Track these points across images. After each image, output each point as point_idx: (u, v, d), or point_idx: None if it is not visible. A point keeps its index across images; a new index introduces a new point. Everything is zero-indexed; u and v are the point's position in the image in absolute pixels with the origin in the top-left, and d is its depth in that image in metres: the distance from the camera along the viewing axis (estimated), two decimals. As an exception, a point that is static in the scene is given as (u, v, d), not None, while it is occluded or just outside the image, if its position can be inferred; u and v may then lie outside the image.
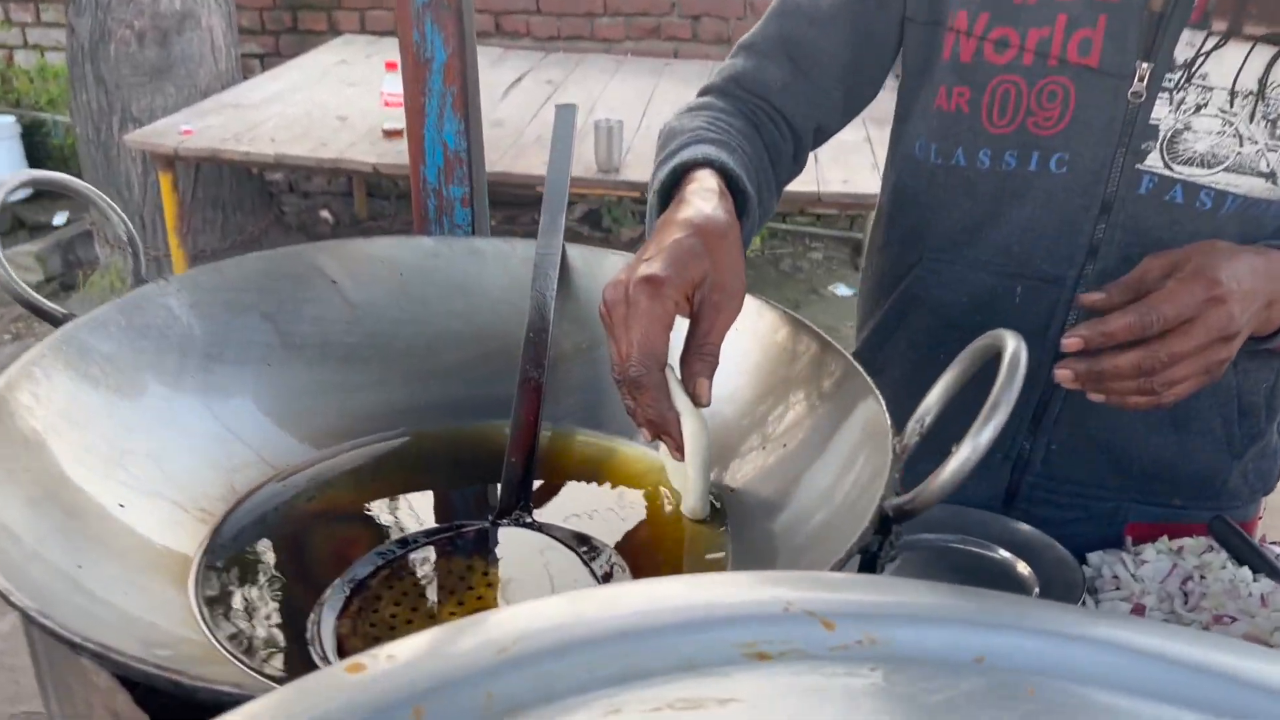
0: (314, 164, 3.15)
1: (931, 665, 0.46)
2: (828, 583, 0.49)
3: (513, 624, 0.42)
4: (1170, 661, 0.47)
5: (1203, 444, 0.95)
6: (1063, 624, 0.48)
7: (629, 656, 0.43)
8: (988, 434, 0.53)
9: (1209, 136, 0.83)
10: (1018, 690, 0.45)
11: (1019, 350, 0.55)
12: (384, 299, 0.88)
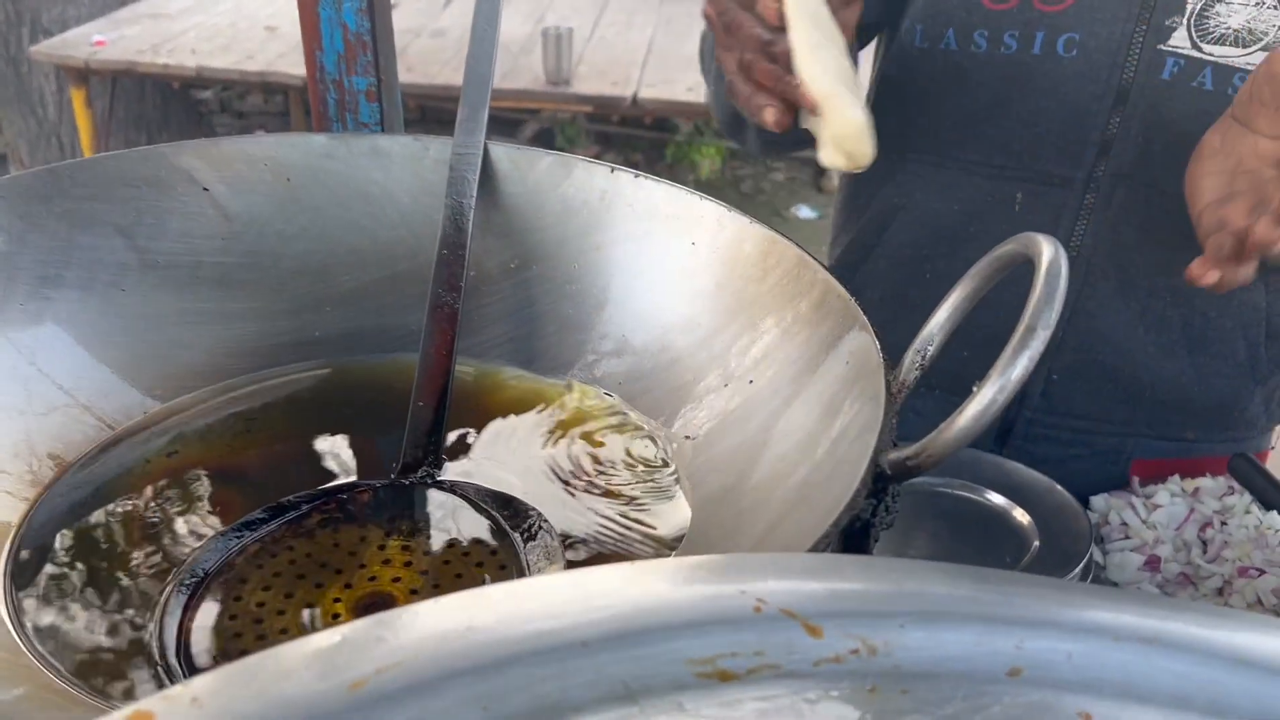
0: (238, 77, 2.94)
1: (952, 681, 0.33)
2: (811, 569, 0.36)
3: (377, 644, 0.28)
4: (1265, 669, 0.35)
5: (1223, 368, 0.83)
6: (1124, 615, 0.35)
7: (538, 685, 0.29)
8: (1021, 366, 0.40)
9: (1245, 9, 0.70)
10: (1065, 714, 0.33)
11: (1058, 258, 0.42)
12: (268, 209, 0.73)
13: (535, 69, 2.94)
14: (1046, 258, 0.42)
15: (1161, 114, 0.74)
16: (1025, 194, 0.79)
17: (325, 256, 0.73)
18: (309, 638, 0.25)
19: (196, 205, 0.71)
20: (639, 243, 0.69)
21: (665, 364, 0.64)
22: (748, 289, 0.62)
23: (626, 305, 0.67)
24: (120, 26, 3.21)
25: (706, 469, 0.57)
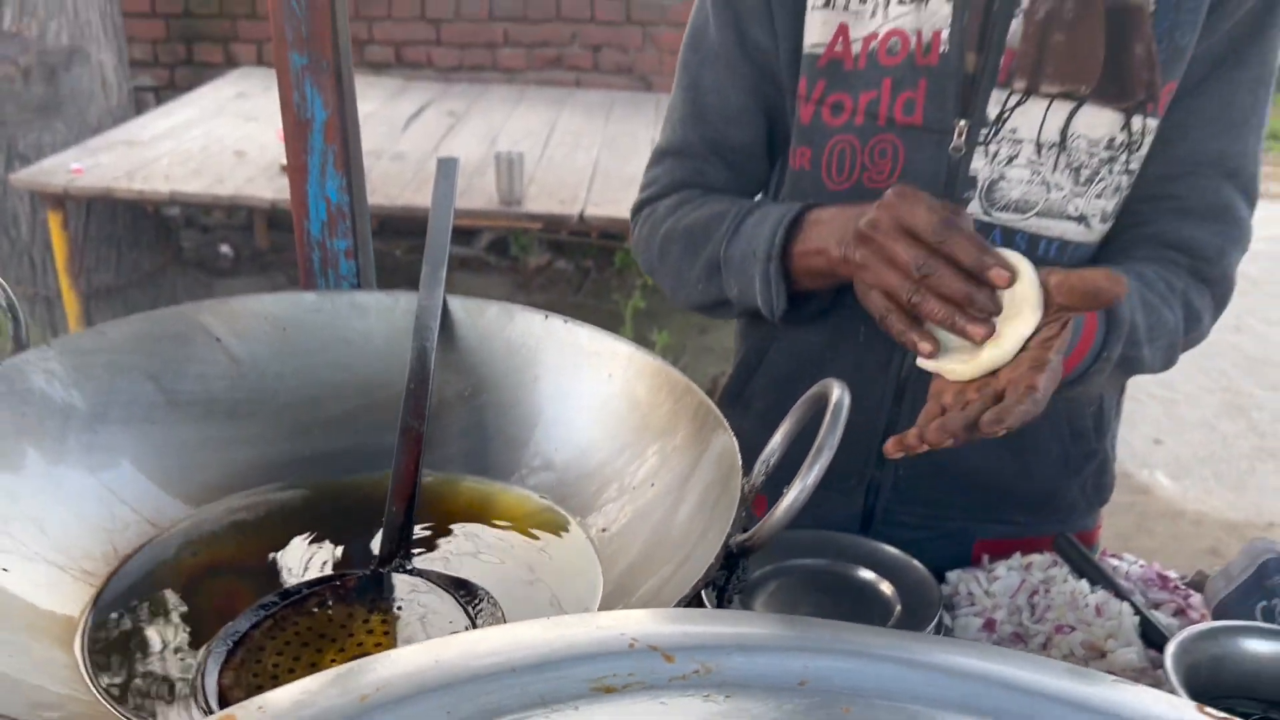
0: (210, 200, 3.14)
1: (760, 689, 0.52)
2: (668, 618, 0.55)
3: (375, 673, 0.47)
4: (968, 676, 0.53)
5: (1041, 465, 1.03)
6: (875, 646, 0.54)
7: (484, 696, 0.48)
8: (814, 474, 0.59)
9: (1021, 185, 0.91)
10: (835, 709, 0.52)
11: (842, 398, 0.61)
12: (267, 354, 0.91)
13: (489, 189, 3.17)
14: (834, 398, 0.61)
15: None
16: (866, 329, 0.98)
17: (314, 391, 0.91)
18: (329, 670, 0.43)
19: (210, 353, 0.89)
20: (567, 375, 0.88)
21: (586, 473, 0.82)
22: (648, 411, 0.80)
23: (556, 426, 0.85)
24: (96, 154, 3.40)
25: (616, 553, 0.74)
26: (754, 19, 0.97)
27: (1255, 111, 0.94)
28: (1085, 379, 0.88)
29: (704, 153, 1.02)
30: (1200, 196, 0.94)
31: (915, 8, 0.90)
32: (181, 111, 4.01)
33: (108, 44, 3.85)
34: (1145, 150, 0.92)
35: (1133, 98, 0.89)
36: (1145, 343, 0.90)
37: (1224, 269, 0.95)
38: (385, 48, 4.91)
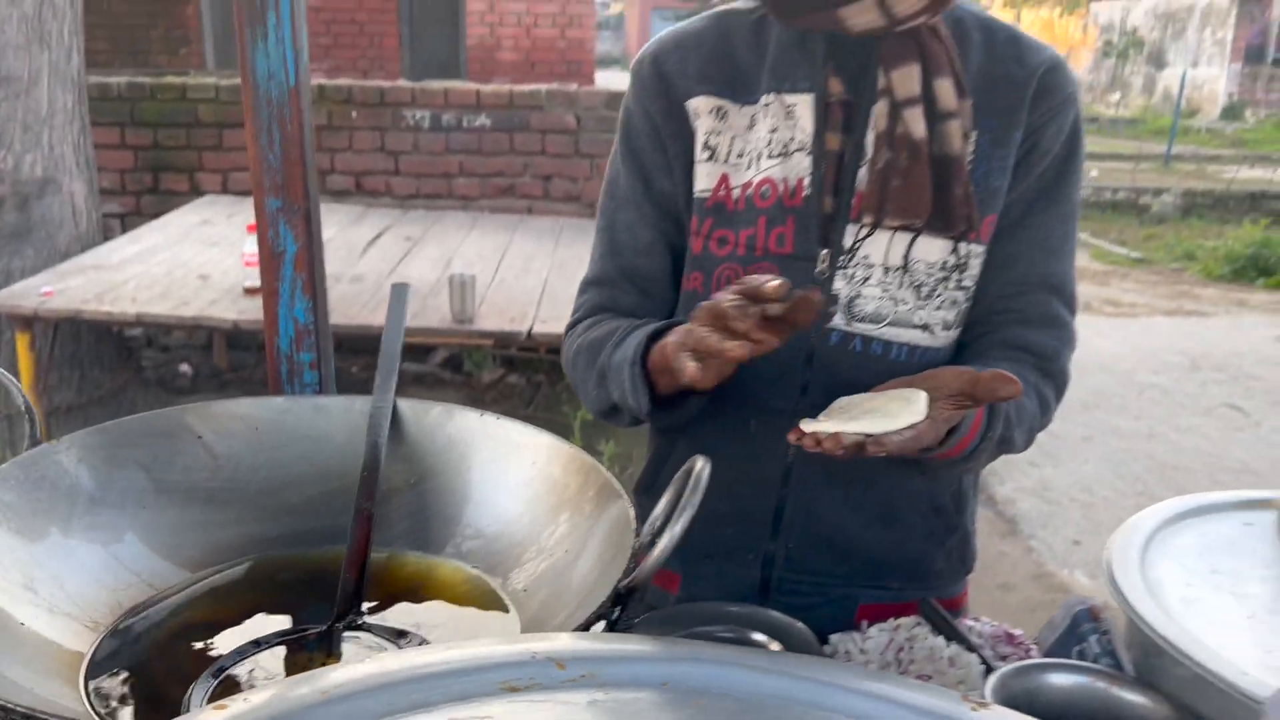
0: (175, 322, 3.30)
1: (631, 688, 0.70)
2: (564, 639, 0.72)
3: (335, 677, 0.64)
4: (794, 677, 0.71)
5: (908, 537, 1.20)
6: (719, 657, 0.72)
7: (416, 694, 0.66)
8: (679, 527, 0.76)
9: (874, 300, 1.11)
10: (689, 702, 0.69)
11: (702, 470, 0.79)
12: (242, 449, 1.07)
13: (443, 309, 3.37)
14: (695, 470, 0.79)
15: (835, 367, 1.13)
16: (757, 421, 1.17)
17: (282, 480, 1.06)
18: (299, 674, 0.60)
19: (193, 448, 1.05)
20: (497, 463, 1.05)
21: (510, 543, 0.98)
22: (561, 488, 0.97)
23: (486, 505, 1.02)
24: (66, 278, 3.56)
25: (530, 600, 0.90)
26: (657, 170, 1.18)
27: (1068, 239, 1.16)
28: (974, 455, 1.06)
29: (619, 281, 1.22)
30: (1035, 309, 1.14)
31: (782, 161, 1.11)
32: (149, 237, 4.20)
33: (79, 174, 4.06)
34: (974, 270, 1.12)
35: (956, 229, 1.09)
36: (1015, 426, 1.10)
37: (1061, 365, 1.15)
38: (346, 177, 5.17)
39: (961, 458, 1.06)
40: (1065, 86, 1.13)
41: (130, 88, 4.94)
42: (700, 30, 1.17)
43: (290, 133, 1.12)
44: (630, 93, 1.20)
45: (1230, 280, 7.93)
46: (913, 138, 1.05)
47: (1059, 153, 1.13)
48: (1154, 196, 11.45)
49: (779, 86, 1.11)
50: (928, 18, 1.05)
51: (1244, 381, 4.98)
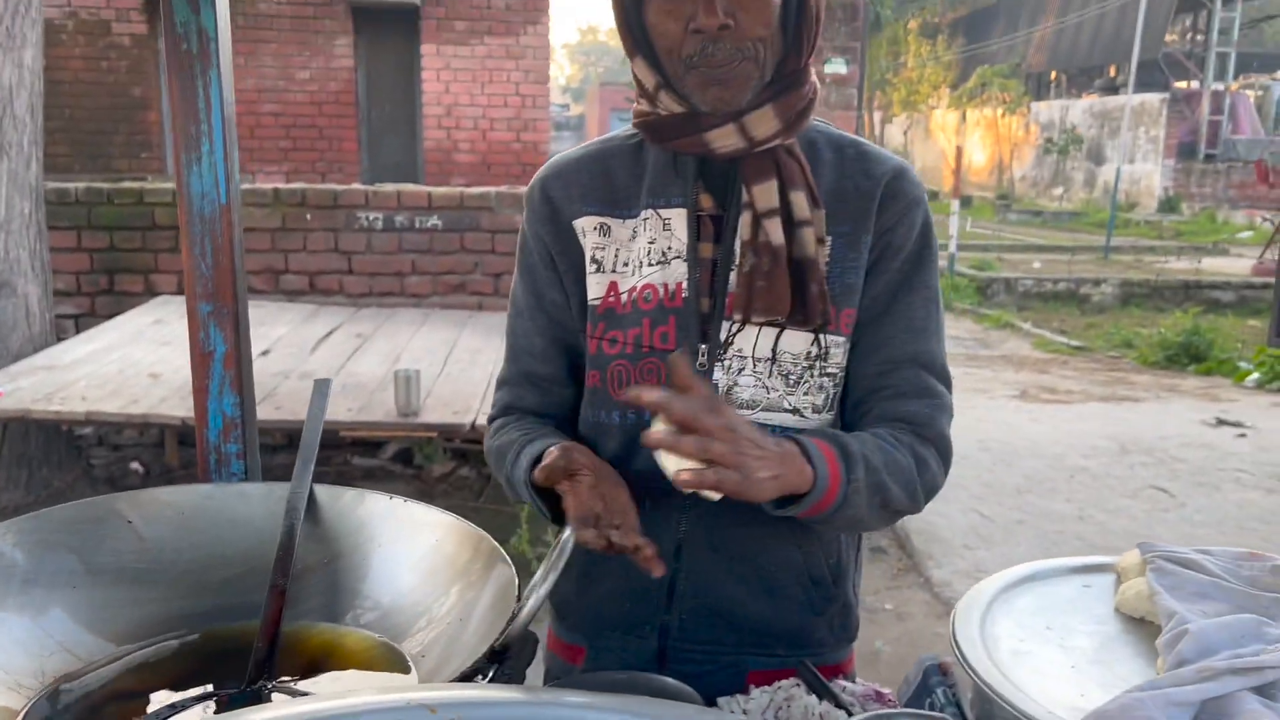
0: (124, 420, 3.37)
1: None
2: (438, 688, 0.82)
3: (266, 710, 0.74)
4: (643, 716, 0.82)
5: (790, 607, 1.31)
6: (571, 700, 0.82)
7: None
8: (545, 588, 0.87)
9: (749, 388, 1.24)
10: None
11: (567, 540, 0.90)
12: (169, 533, 1.16)
13: (389, 403, 3.47)
14: (562, 539, 0.90)
15: None
16: (651, 502, 1.28)
17: (205, 560, 1.16)
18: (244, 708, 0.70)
19: (122, 532, 1.15)
20: (403, 541, 1.15)
21: (410, 615, 1.08)
22: (456, 560, 1.08)
23: (389, 580, 1.12)
24: (16, 379, 3.63)
25: (428, 667, 1.00)
26: (548, 285, 1.32)
27: (931, 320, 1.29)
28: (847, 503, 1.15)
29: (521, 382, 1.34)
30: (908, 384, 1.27)
31: (661, 268, 1.25)
32: (102, 337, 4.28)
33: (34, 277, 4.15)
34: (837, 358, 1.25)
35: (814, 322, 1.23)
36: (886, 474, 1.18)
37: (938, 429, 1.27)
38: (300, 277, 5.30)
39: (833, 509, 1.14)
40: (910, 191, 1.27)
41: (88, 192, 5.07)
42: (582, 157, 1.32)
43: (221, 244, 1.24)
44: (525, 218, 1.34)
45: (1164, 366, 8.22)
46: (773, 244, 1.19)
47: (912, 247, 1.27)
48: (1094, 286, 11.86)
49: (656, 203, 1.25)
50: (782, 140, 1.20)
51: (1170, 464, 5.17)
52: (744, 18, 1.13)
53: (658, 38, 1.17)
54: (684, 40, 1.14)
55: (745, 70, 1.15)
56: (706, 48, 1.13)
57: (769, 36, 1.16)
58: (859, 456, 1.16)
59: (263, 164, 8.63)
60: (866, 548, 4.49)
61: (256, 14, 8.43)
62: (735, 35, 1.13)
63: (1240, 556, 1.22)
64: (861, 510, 1.18)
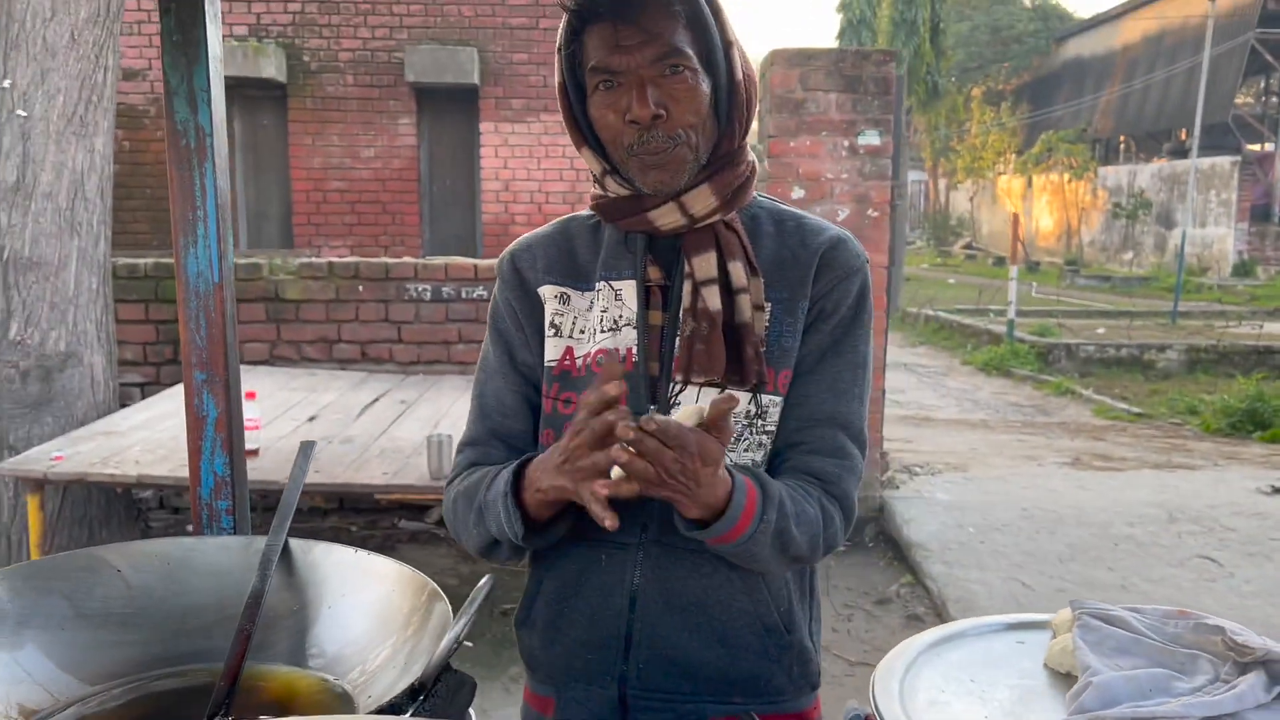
0: (173, 482, 3.53)
1: None
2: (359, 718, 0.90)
3: None
4: None
5: (745, 655, 1.36)
6: None
7: None
8: (455, 631, 0.95)
9: None
10: None
11: (484, 585, 0.99)
12: (155, 581, 1.27)
13: (422, 467, 3.59)
14: (479, 586, 0.99)
15: (667, 506, 1.32)
16: (606, 555, 1.36)
17: (187, 607, 1.27)
18: None
19: (112, 580, 1.26)
20: (367, 590, 1.25)
21: (363, 658, 1.17)
22: (404, 606, 1.17)
23: (344, 625, 1.21)
24: (77, 444, 3.84)
25: (366, 700, 1.09)
26: (518, 346, 1.42)
27: (855, 384, 1.36)
28: (753, 538, 1.22)
29: (489, 440, 1.43)
30: (822, 442, 1.34)
31: (613, 334, 1.34)
32: (158, 405, 4.50)
33: (100, 348, 4.40)
34: (774, 417, 1.33)
35: (750, 382, 1.31)
36: (793, 521, 1.25)
37: (844, 489, 1.33)
38: (352, 346, 5.50)
39: (739, 542, 1.22)
40: (848, 260, 1.35)
41: (156, 268, 5.36)
42: (549, 233, 1.44)
43: (214, 318, 1.37)
44: (496, 286, 1.46)
45: (1227, 434, 8.03)
46: (710, 311, 1.29)
47: (845, 313, 1.35)
48: (1159, 352, 11.64)
49: (609, 275, 1.35)
50: (721, 215, 1.31)
51: (1219, 533, 5.05)
52: (675, 108, 1.24)
53: (600, 129, 1.28)
54: (623, 130, 1.25)
55: (680, 155, 1.26)
56: (643, 136, 1.24)
57: (700, 123, 1.26)
58: (775, 499, 1.24)
59: (328, 238, 8.98)
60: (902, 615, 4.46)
61: (325, 96, 8.85)
62: (668, 124, 1.24)
63: (1168, 614, 1.26)
64: (764, 550, 1.24)
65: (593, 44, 1.23)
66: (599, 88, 1.25)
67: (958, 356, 12.78)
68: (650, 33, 1.20)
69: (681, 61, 1.22)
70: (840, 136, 5.08)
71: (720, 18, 1.26)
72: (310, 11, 8.73)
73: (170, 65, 1.34)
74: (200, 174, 1.35)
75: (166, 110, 1.35)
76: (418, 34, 8.80)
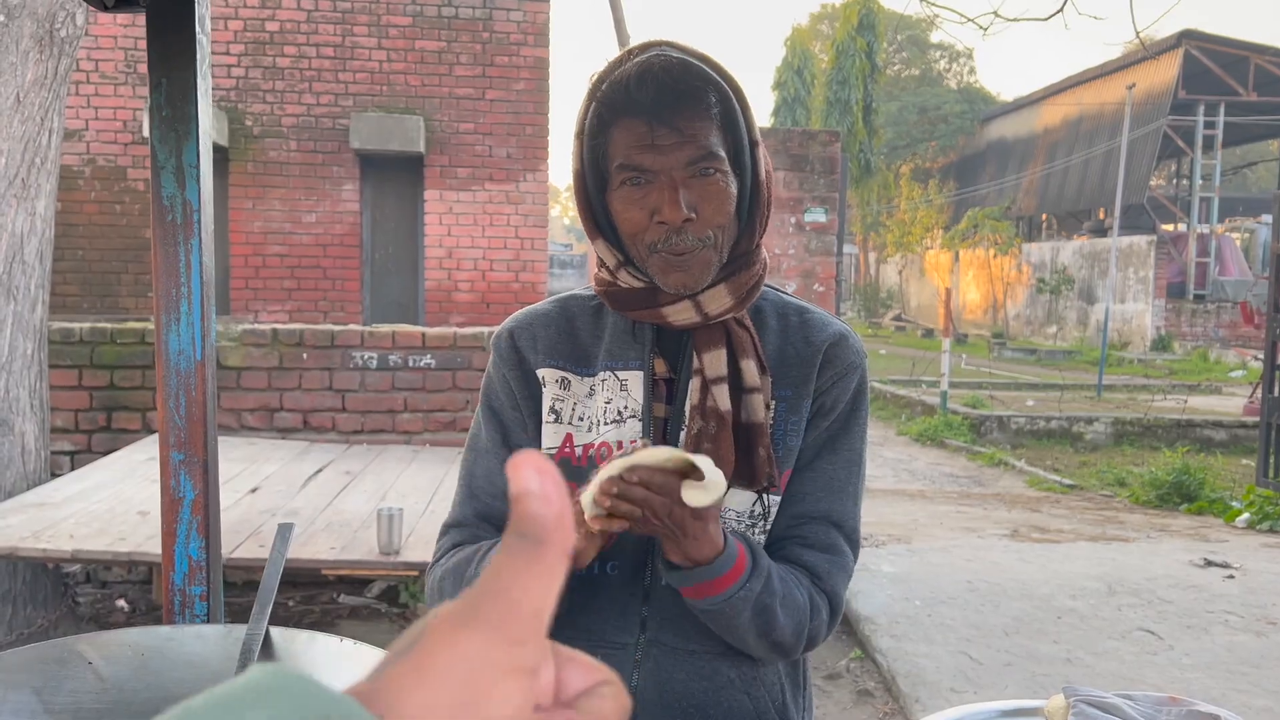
0: (110, 557, 3.40)
1: None
2: None
3: None
4: None
5: None
6: None
7: None
8: None
9: None
10: None
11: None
12: (128, 673, 1.22)
13: (370, 542, 3.50)
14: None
15: (667, 604, 1.28)
16: (603, 655, 1.30)
17: (161, 700, 1.21)
18: None
19: (82, 672, 1.20)
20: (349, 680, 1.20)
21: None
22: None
23: None
24: (6, 516, 3.68)
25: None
26: (514, 425, 1.39)
27: (850, 481, 1.37)
28: (731, 600, 1.19)
29: (477, 523, 1.40)
30: (816, 538, 1.33)
31: (617, 426, 1.32)
32: (94, 475, 4.35)
33: (33, 416, 4.25)
34: (775, 517, 1.33)
35: (760, 484, 1.29)
36: (779, 600, 1.23)
37: (833, 585, 1.32)
38: (294, 414, 5.39)
39: (720, 599, 1.19)
40: (848, 356, 1.36)
41: (92, 332, 5.21)
42: (549, 311, 1.41)
43: (195, 397, 1.33)
44: (491, 361, 1.43)
45: (1156, 505, 8.22)
46: (720, 410, 1.27)
47: (843, 410, 1.35)
48: (1087, 425, 11.93)
49: (614, 365, 1.33)
50: (734, 313, 1.29)
51: (1158, 605, 5.14)
52: (705, 210, 1.22)
53: (621, 223, 1.25)
54: (648, 228, 1.23)
55: (705, 257, 1.24)
56: (670, 237, 1.21)
57: (727, 224, 1.24)
58: (764, 571, 1.23)
59: (266, 303, 8.85)
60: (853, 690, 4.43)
61: (267, 160, 8.79)
62: (696, 226, 1.22)
63: (1160, 701, 1.27)
64: (744, 619, 1.22)
65: (623, 139, 1.21)
66: (625, 183, 1.22)
67: (893, 427, 12.96)
68: (685, 134, 1.19)
69: (715, 165, 1.21)
70: (787, 213, 5.19)
71: (748, 116, 1.25)
72: (254, 77, 8.71)
73: (159, 140, 1.32)
74: (186, 250, 1.32)
75: (153, 185, 1.32)
76: (364, 101, 8.82)
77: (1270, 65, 23.43)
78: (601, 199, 1.27)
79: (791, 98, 26.95)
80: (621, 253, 1.28)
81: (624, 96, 1.19)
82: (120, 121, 8.50)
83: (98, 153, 8.55)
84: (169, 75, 1.30)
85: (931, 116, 36.08)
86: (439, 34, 8.82)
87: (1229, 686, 4.16)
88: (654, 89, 1.18)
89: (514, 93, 8.89)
